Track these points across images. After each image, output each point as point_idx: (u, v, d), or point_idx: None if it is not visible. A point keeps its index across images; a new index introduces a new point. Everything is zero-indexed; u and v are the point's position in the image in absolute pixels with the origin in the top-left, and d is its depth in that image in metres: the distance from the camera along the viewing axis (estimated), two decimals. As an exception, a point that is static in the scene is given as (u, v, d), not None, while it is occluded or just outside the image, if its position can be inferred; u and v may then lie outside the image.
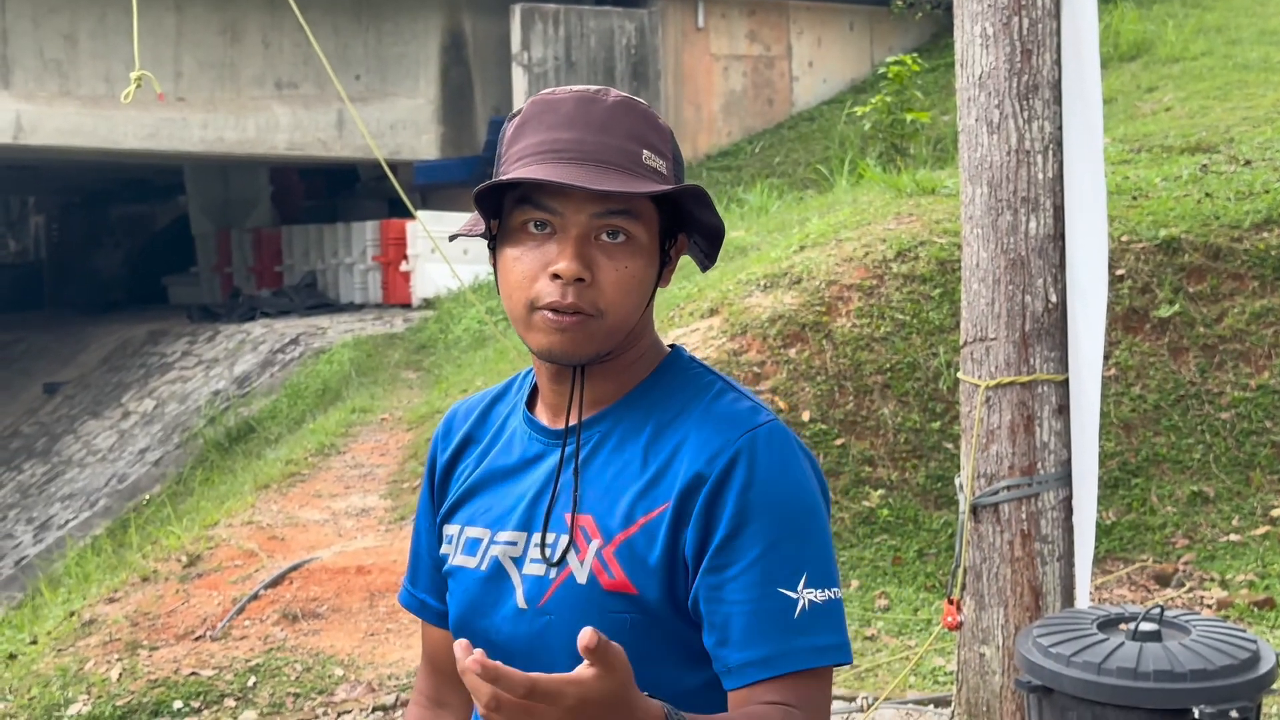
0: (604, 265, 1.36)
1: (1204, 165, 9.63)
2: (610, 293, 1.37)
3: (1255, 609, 6.23)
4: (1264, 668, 3.29)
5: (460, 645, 1.13)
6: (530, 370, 1.53)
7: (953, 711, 4.51)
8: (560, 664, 1.23)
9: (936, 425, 7.47)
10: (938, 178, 9.68)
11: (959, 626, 4.32)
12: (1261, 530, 7.11)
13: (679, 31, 14.54)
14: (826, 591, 1.34)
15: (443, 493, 1.55)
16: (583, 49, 13.76)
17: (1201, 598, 6.39)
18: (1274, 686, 3.73)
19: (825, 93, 15.55)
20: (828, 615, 1.34)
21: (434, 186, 13.77)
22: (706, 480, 1.34)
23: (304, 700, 5.64)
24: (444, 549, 1.52)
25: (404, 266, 13.06)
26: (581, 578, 1.39)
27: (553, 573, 1.42)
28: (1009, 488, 4.17)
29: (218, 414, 11.35)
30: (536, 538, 1.42)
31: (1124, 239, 8.28)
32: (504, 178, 1.34)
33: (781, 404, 7.31)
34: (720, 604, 1.32)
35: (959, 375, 4.56)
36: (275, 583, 6.66)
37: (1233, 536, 7.16)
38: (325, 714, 5.42)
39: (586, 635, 1.11)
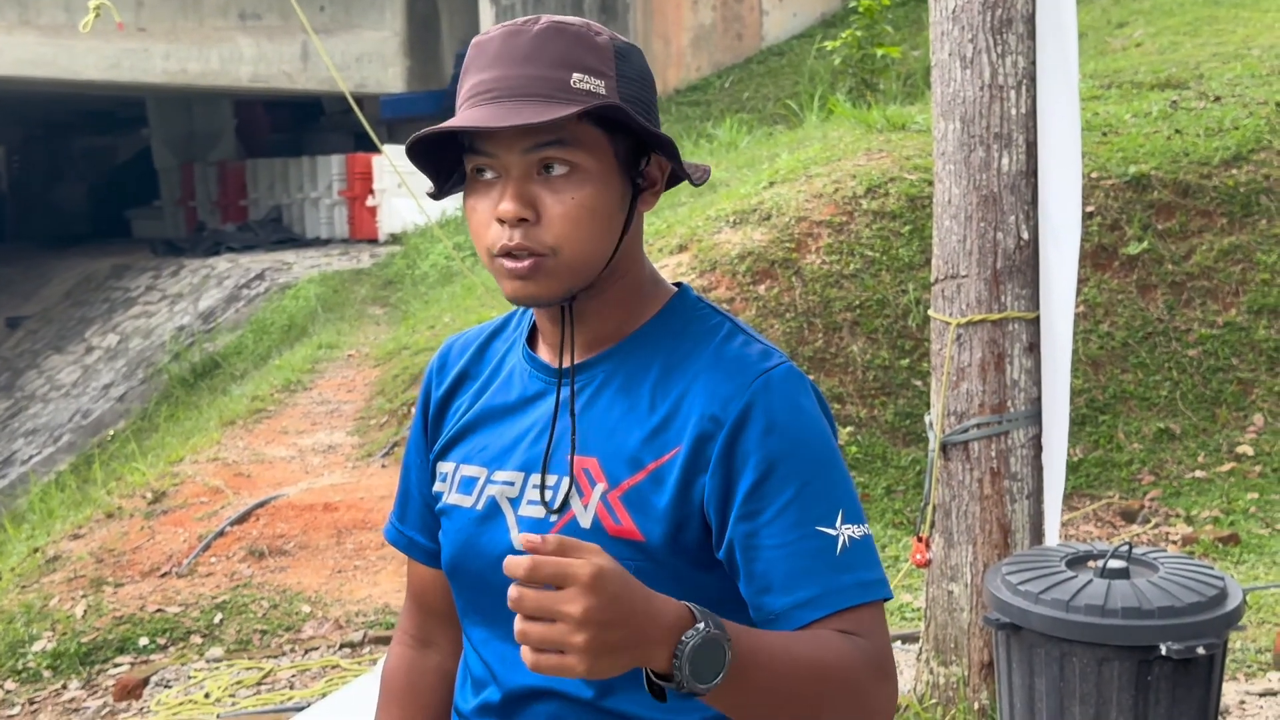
0: (548, 200, 1.34)
1: (1174, 101, 9.72)
2: (559, 226, 1.34)
3: (1220, 545, 6.41)
4: (1231, 605, 3.34)
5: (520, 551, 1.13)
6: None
7: (920, 648, 4.57)
8: None
9: (906, 363, 7.57)
10: (908, 113, 9.72)
11: (927, 564, 4.39)
12: (1227, 467, 7.28)
13: None
14: (861, 528, 1.34)
15: (437, 429, 1.53)
16: None
17: (1167, 534, 6.54)
18: (1240, 623, 3.71)
19: (795, 27, 15.61)
20: (866, 550, 1.34)
21: (400, 120, 13.86)
22: (723, 426, 1.33)
23: (271, 637, 5.70)
24: (437, 486, 1.50)
25: (370, 201, 13.19)
26: (585, 522, 1.38)
27: (553, 517, 1.42)
28: (979, 425, 4.19)
29: (182, 349, 11.37)
30: (535, 479, 1.41)
31: (1093, 175, 8.33)
32: (420, 133, 1.33)
33: None
34: (759, 550, 1.30)
35: (929, 313, 4.56)
36: (241, 519, 6.68)
37: (1198, 473, 7.32)
38: (292, 650, 5.49)
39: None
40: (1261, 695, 4.79)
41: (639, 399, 1.40)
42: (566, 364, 1.43)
